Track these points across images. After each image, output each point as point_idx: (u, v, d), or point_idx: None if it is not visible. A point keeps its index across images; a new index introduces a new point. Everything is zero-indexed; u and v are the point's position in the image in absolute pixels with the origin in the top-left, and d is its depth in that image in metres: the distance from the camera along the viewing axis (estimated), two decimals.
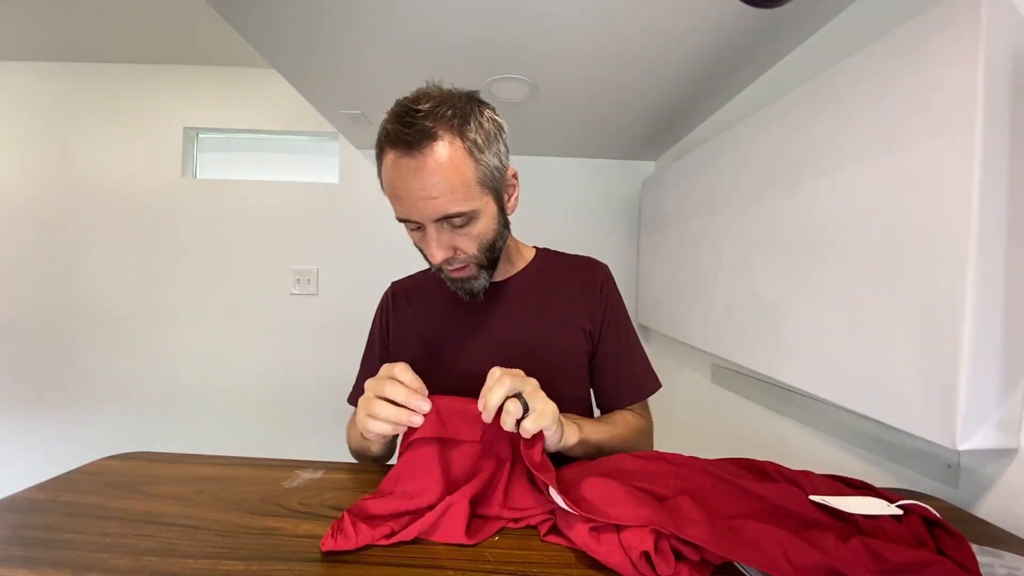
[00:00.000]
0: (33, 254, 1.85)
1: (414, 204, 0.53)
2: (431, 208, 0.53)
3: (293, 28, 0.97)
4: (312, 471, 0.60)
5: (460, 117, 0.54)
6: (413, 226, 0.58)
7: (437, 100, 0.53)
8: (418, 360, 0.68)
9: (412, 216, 0.55)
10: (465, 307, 0.70)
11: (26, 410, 1.86)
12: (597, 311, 0.72)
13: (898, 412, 0.63)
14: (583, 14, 0.91)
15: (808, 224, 0.83)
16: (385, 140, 0.54)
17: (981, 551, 0.43)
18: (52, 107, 1.86)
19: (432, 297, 0.74)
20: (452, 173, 0.52)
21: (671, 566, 0.37)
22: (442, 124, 0.52)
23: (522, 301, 0.71)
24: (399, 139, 0.51)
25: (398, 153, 0.52)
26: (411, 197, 0.53)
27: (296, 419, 1.89)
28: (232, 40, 1.07)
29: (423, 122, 0.51)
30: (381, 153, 0.55)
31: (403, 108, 0.52)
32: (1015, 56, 0.53)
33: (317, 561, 0.41)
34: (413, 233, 0.60)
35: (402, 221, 0.58)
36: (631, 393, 0.71)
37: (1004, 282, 0.54)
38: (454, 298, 0.69)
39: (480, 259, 0.61)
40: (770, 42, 1.01)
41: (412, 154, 0.51)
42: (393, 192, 0.55)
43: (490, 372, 0.51)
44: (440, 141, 0.52)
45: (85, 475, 0.57)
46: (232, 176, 1.93)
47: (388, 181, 0.55)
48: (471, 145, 0.54)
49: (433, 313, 0.73)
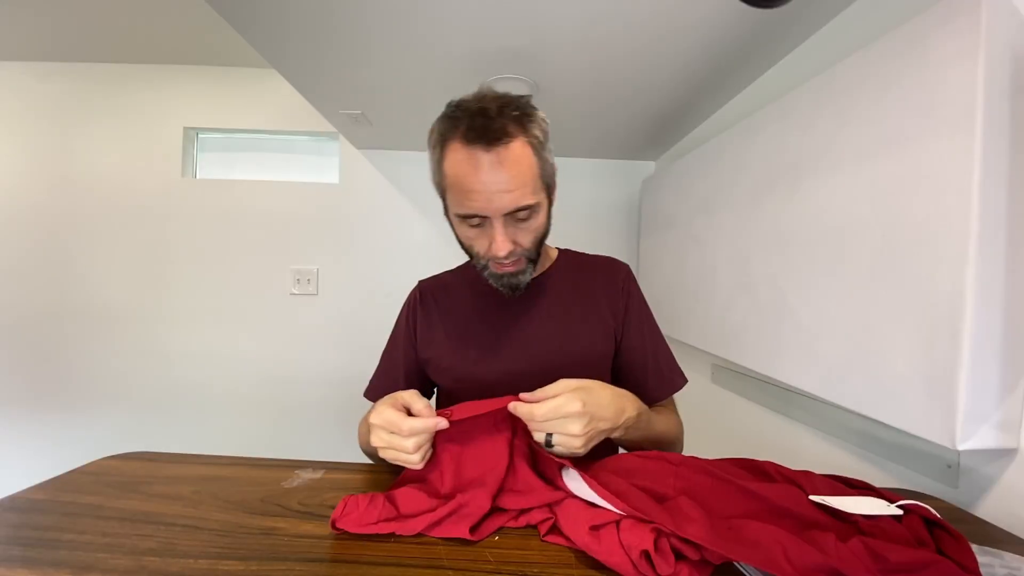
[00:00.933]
0: (33, 254, 1.85)
1: (489, 197, 0.55)
2: (506, 201, 0.55)
3: (293, 28, 0.97)
4: (312, 471, 0.60)
5: (526, 117, 0.57)
6: (474, 221, 0.59)
7: (503, 100, 0.56)
8: (447, 359, 0.70)
9: (484, 209, 0.56)
10: (493, 306, 0.72)
11: (26, 410, 1.86)
12: (620, 309, 0.73)
13: (898, 412, 0.63)
14: (583, 14, 0.91)
15: (808, 224, 0.83)
16: (456, 137, 0.55)
17: (981, 551, 0.43)
18: (52, 107, 1.86)
19: (460, 296, 0.75)
20: (525, 168, 0.56)
21: (671, 565, 0.37)
22: (514, 123, 0.55)
23: (549, 300, 0.72)
24: (477, 136, 0.54)
25: (474, 149, 0.54)
26: (487, 191, 0.55)
27: (296, 419, 1.89)
28: (232, 40, 1.07)
29: (500, 120, 0.54)
30: (444, 150, 0.57)
31: (475, 107, 0.55)
32: (1015, 56, 0.53)
33: (317, 561, 0.41)
34: (470, 229, 0.61)
35: (462, 217, 0.59)
36: (658, 388, 0.71)
37: (1004, 282, 0.54)
38: (482, 297, 0.72)
39: (531, 253, 0.63)
40: (770, 42, 1.01)
41: (490, 150, 0.54)
42: (464, 186, 0.56)
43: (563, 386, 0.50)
44: (516, 139, 0.55)
45: (85, 475, 0.57)
46: (232, 176, 1.93)
47: (459, 176, 0.56)
48: (536, 142, 0.57)
49: (462, 311, 0.74)
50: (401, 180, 1.90)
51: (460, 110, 0.56)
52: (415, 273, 2.06)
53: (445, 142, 0.57)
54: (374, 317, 1.88)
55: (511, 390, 0.57)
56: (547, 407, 0.48)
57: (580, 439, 0.49)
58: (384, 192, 1.90)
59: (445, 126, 0.57)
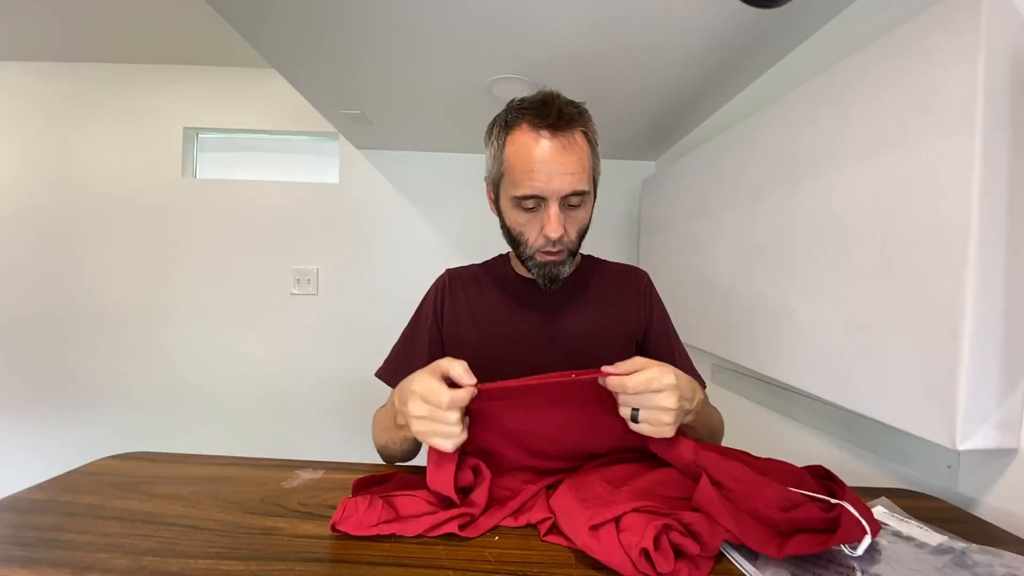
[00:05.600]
0: (33, 254, 1.85)
1: (551, 178, 0.58)
2: (565, 183, 0.59)
3: (293, 28, 0.97)
4: (312, 471, 0.60)
5: (587, 113, 0.63)
6: (529, 204, 0.61)
7: (565, 98, 0.62)
8: (472, 347, 0.71)
9: (544, 189, 0.59)
10: (520, 302, 0.73)
11: (26, 410, 1.86)
12: (642, 316, 0.76)
13: (898, 412, 0.63)
14: (583, 14, 0.91)
15: (808, 224, 0.83)
16: (522, 123, 0.60)
17: (982, 551, 0.43)
18: (52, 107, 1.86)
19: (488, 289, 0.76)
20: (584, 156, 0.61)
21: (671, 563, 0.37)
22: (578, 115, 0.61)
23: (574, 301, 0.74)
24: (545, 121, 0.59)
25: (542, 133, 0.59)
26: (550, 171, 0.58)
27: (296, 419, 1.89)
28: (232, 40, 1.07)
29: (570, 110, 0.60)
30: (507, 137, 0.61)
31: (546, 97, 0.61)
32: (1015, 56, 0.53)
33: (317, 561, 0.41)
34: (523, 214, 0.63)
35: (519, 199, 0.61)
36: None
37: (1004, 282, 0.54)
38: (510, 293, 0.74)
39: (574, 246, 0.66)
40: (770, 42, 1.01)
41: (558, 136, 0.59)
42: (528, 167, 0.59)
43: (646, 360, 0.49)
44: (580, 130, 0.61)
45: (85, 475, 0.57)
46: (232, 176, 1.93)
47: (522, 157, 0.59)
48: (592, 137, 0.63)
49: (489, 304, 0.74)
50: (401, 180, 1.91)
51: (525, 102, 0.61)
52: (415, 273, 2.06)
53: (509, 129, 0.61)
54: (374, 317, 1.89)
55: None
56: (641, 378, 0.47)
57: (671, 414, 0.47)
58: (384, 192, 1.90)
59: (509, 117, 0.62)
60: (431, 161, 1.90)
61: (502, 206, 0.66)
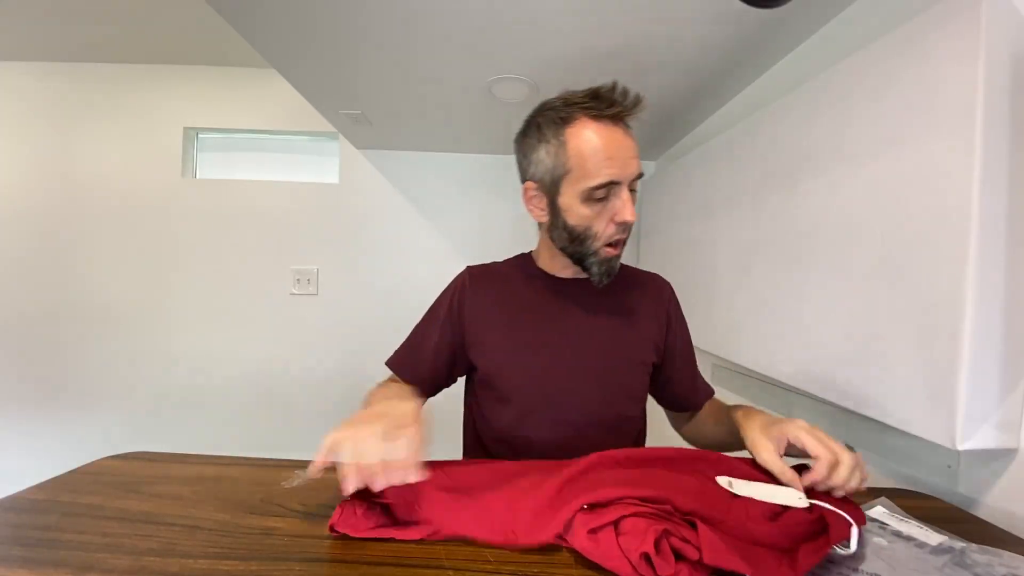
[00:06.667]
0: (33, 254, 1.85)
1: (624, 162, 0.61)
2: (634, 167, 0.63)
3: (293, 28, 0.97)
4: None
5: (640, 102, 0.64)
6: (601, 193, 0.62)
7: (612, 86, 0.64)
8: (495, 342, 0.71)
9: (620, 174, 0.61)
10: (546, 299, 0.74)
11: (26, 410, 1.86)
12: (664, 324, 0.78)
13: (898, 412, 0.63)
14: (583, 14, 0.91)
15: (808, 224, 0.83)
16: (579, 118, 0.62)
17: (981, 551, 0.43)
18: (52, 107, 1.86)
19: (513, 285, 0.76)
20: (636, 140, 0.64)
21: (671, 566, 0.37)
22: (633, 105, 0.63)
23: (601, 304, 0.74)
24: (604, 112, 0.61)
25: (603, 122, 0.61)
26: (624, 156, 0.61)
27: (296, 419, 1.89)
28: (232, 40, 1.07)
29: (623, 102, 0.62)
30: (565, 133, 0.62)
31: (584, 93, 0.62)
32: (1015, 56, 0.53)
33: (317, 561, 0.41)
34: (593, 206, 0.63)
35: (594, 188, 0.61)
36: (705, 396, 0.81)
37: (1004, 282, 0.54)
38: (536, 290, 0.74)
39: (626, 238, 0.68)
40: (770, 42, 1.01)
41: (616, 123, 0.62)
42: (602, 155, 0.61)
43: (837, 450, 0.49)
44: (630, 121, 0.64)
45: (85, 475, 0.57)
46: (232, 176, 1.93)
47: (594, 148, 0.61)
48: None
49: (514, 300, 0.74)
50: (401, 180, 1.91)
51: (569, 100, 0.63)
52: (415, 273, 2.05)
53: (566, 123, 0.62)
54: (374, 317, 1.89)
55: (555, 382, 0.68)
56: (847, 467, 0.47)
57: None
58: (384, 192, 1.90)
59: (562, 114, 0.63)
60: (431, 161, 1.90)
61: (563, 204, 0.65)
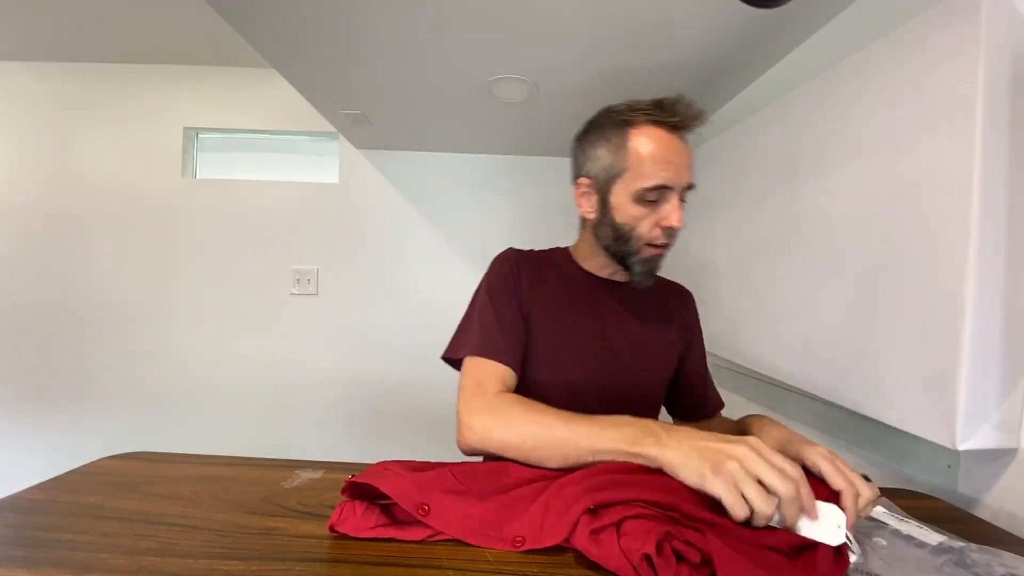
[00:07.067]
0: (33, 254, 1.85)
1: (679, 169, 0.64)
2: (687, 176, 0.65)
3: (293, 28, 0.97)
4: (312, 471, 0.60)
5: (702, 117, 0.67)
6: (652, 196, 0.64)
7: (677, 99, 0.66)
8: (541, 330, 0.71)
9: (674, 179, 0.63)
10: (581, 297, 0.75)
11: (26, 410, 1.85)
12: (687, 334, 0.81)
13: (898, 412, 0.63)
14: (583, 14, 0.91)
15: (808, 223, 0.83)
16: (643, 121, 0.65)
17: (981, 550, 0.43)
18: (52, 107, 1.86)
19: (551, 278, 0.76)
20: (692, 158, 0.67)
21: (672, 568, 0.37)
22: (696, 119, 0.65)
23: (629, 307, 0.76)
24: (666, 121, 0.64)
25: (664, 129, 0.64)
26: (679, 163, 0.64)
27: (296, 419, 1.89)
28: (232, 40, 1.07)
29: (686, 113, 0.64)
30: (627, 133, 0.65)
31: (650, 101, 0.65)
32: (1015, 56, 0.53)
33: (317, 561, 0.41)
34: (643, 207, 0.65)
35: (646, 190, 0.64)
36: (716, 405, 0.84)
37: (1004, 282, 0.54)
38: (573, 286, 0.76)
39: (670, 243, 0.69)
40: (770, 42, 1.01)
41: (675, 133, 0.65)
42: (660, 158, 0.63)
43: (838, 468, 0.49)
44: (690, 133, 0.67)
45: (85, 475, 0.57)
46: (232, 176, 1.93)
47: (653, 151, 0.64)
48: None
49: (551, 289, 0.75)
50: (401, 180, 1.90)
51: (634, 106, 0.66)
52: (415, 273, 2.05)
53: (630, 125, 0.65)
54: (374, 317, 1.89)
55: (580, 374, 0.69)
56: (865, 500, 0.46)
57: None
58: (384, 192, 1.90)
59: (625, 117, 0.65)
60: (431, 161, 1.90)
61: (614, 202, 0.67)
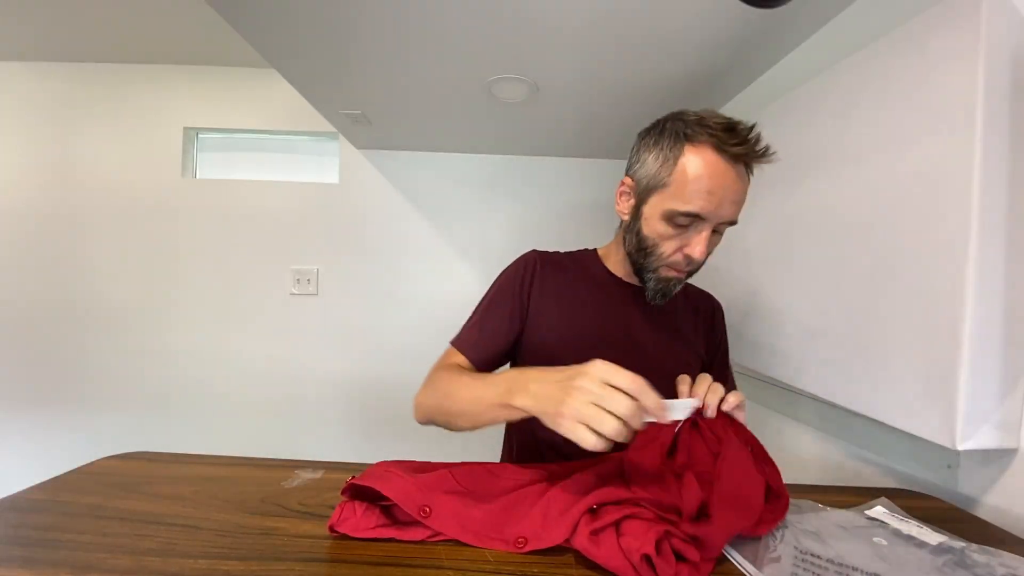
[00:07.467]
0: (33, 254, 1.85)
1: (722, 203, 0.60)
2: (729, 212, 0.61)
3: (293, 28, 0.97)
4: (312, 471, 0.60)
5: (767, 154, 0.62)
6: (683, 220, 0.61)
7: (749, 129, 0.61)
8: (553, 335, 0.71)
9: (711, 212, 0.59)
10: (608, 301, 0.74)
11: (26, 410, 1.85)
12: (713, 343, 0.80)
13: (898, 412, 0.63)
14: (583, 14, 0.91)
15: (808, 223, 0.83)
16: (704, 140, 0.59)
17: (981, 551, 0.43)
18: (52, 107, 1.86)
19: (577, 280, 0.76)
20: (747, 191, 0.63)
21: (672, 567, 0.37)
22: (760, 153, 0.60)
23: (656, 314, 0.75)
24: (734, 152, 0.58)
25: (725, 159, 0.59)
26: (723, 197, 0.59)
27: (296, 419, 1.89)
28: (232, 40, 1.07)
29: (753, 148, 0.59)
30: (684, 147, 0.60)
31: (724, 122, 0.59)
32: (1015, 56, 0.53)
33: (317, 561, 0.41)
34: (670, 228, 0.62)
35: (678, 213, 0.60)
36: None
37: (1004, 282, 0.54)
38: (599, 289, 0.75)
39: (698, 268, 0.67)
40: (770, 42, 1.01)
41: (738, 168, 0.60)
42: (704, 187, 0.59)
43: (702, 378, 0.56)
44: (751, 171, 0.62)
45: (85, 475, 0.57)
46: (232, 176, 1.93)
47: (701, 175, 0.59)
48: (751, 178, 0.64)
49: (575, 294, 0.74)
50: (401, 180, 1.90)
51: (706, 121, 0.60)
52: (415, 273, 2.05)
53: (688, 140, 0.60)
54: (374, 317, 1.89)
55: None
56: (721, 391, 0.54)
57: None
58: (384, 192, 1.90)
59: (690, 131, 0.60)
60: (431, 161, 1.90)
61: (647, 212, 0.64)
